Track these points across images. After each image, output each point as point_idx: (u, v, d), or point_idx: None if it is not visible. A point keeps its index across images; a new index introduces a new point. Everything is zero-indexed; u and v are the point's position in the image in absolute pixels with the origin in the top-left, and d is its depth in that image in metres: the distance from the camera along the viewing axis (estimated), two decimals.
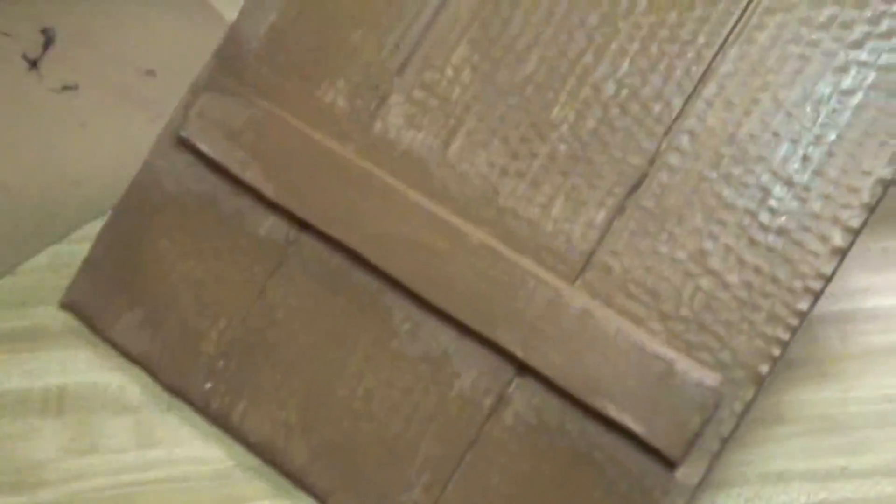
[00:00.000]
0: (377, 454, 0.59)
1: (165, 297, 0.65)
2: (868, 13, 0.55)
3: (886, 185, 0.54)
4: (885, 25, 0.55)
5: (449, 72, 0.62)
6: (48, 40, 0.79)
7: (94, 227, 0.72)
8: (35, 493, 0.64)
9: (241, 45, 0.66)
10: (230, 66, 0.66)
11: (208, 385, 0.63)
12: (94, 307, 0.66)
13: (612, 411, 0.54)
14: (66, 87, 0.78)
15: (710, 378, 0.54)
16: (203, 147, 0.64)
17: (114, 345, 0.66)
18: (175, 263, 0.65)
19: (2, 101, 0.75)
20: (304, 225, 0.62)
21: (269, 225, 0.63)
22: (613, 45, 0.59)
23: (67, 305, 0.67)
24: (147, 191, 0.66)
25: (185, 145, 0.65)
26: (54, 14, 0.79)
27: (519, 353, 0.56)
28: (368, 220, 0.60)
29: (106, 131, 0.66)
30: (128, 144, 0.75)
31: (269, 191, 0.62)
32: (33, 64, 0.78)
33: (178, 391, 0.64)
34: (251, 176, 0.63)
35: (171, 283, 0.65)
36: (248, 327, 0.63)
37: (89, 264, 0.67)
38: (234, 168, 0.63)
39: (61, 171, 0.74)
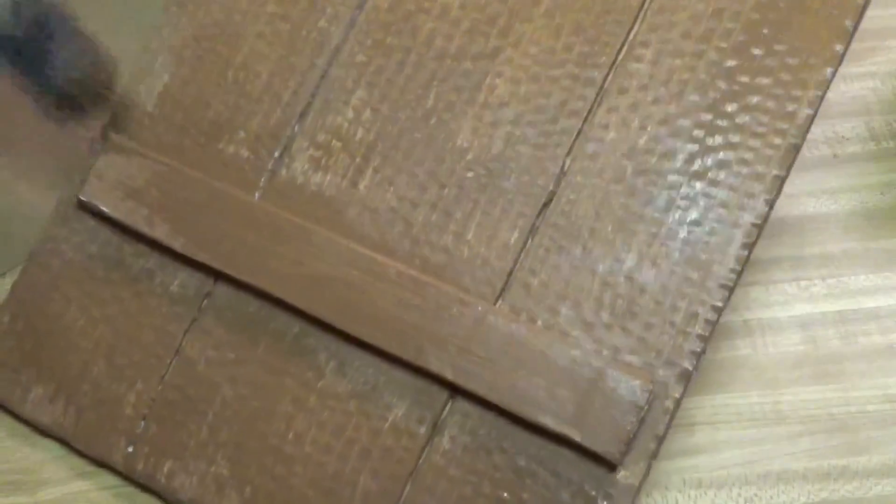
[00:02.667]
0: (314, 497, 0.58)
1: (76, 366, 0.63)
2: (744, 22, 0.58)
3: (782, 180, 0.57)
4: (763, 32, 0.58)
5: (350, 114, 0.63)
6: None
7: None
8: (35, 493, 0.63)
9: (135, 107, 0.66)
10: (125, 128, 0.65)
11: (130, 449, 0.61)
12: (1, 385, 0.64)
13: (549, 422, 0.55)
14: None
15: (640, 380, 0.55)
16: (105, 208, 0.63)
17: (26, 421, 0.64)
18: (84, 331, 0.63)
19: (2, 101, 0.74)
20: (217, 276, 0.62)
21: (181, 280, 0.62)
22: (508, 74, 0.61)
23: None
24: (47, 261, 0.65)
25: (86, 209, 0.64)
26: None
27: (450, 376, 0.56)
28: (283, 263, 0.60)
29: None
30: None
31: (178, 245, 0.61)
32: None
33: (99, 459, 0.62)
34: (158, 232, 0.62)
35: (81, 352, 0.63)
36: (168, 386, 0.61)
37: None
38: (140, 226, 0.62)
39: (61, 170, 0.73)
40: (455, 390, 0.57)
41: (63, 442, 0.63)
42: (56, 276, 0.64)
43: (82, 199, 0.64)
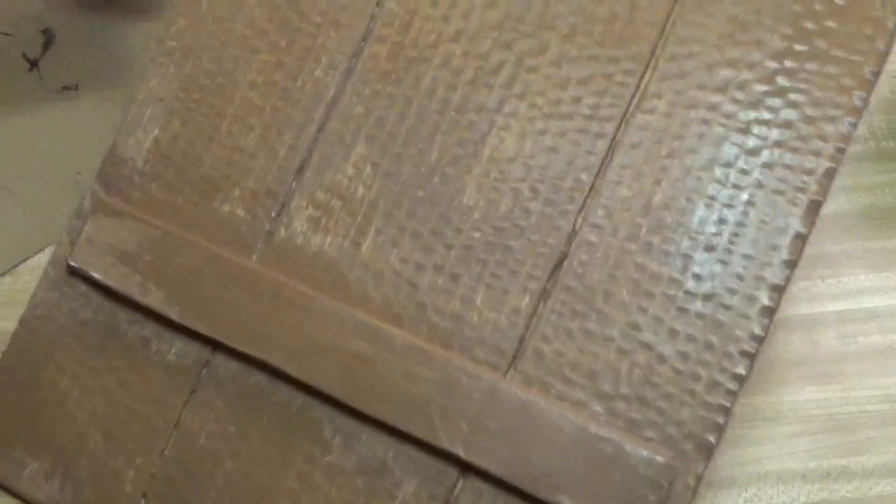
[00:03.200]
0: None
1: (72, 440, 0.60)
2: (760, 72, 0.56)
3: (804, 238, 0.54)
4: (779, 83, 0.55)
5: (350, 170, 0.60)
6: (48, 40, 0.79)
7: None
8: None
9: (125, 164, 0.63)
10: (115, 186, 0.63)
11: None
12: None
13: (565, 502, 0.53)
14: (65, 88, 0.78)
15: (660, 454, 0.52)
16: (96, 275, 0.60)
17: (21, 498, 0.61)
18: (79, 402, 0.61)
19: (2, 101, 0.76)
20: (216, 345, 0.59)
21: (178, 349, 0.60)
22: (515, 128, 0.58)
23: None
24: (39, 327, 0.62)
25: (77, 274, 0.61)
26: (54, 14, 0.80)
27: (461, 453, 0.54)
28: (284, 333, 0.57)
29: (106, 131, 0.65)
30: None
31: (173, 314, 0.59)
32: (33, 64, 0.78)
33: None
34: (152, 300, 0.59)
35: (77, 424, 0.61)
36: (168, 460, 0.59)
37: None
38: (134, 293, 0.60)
39: (61, 171, 0.73)
40: (466, 467, 0.55)
41: None
42: (49, 343, 0.62)
43: (72, 264, 0.61)
